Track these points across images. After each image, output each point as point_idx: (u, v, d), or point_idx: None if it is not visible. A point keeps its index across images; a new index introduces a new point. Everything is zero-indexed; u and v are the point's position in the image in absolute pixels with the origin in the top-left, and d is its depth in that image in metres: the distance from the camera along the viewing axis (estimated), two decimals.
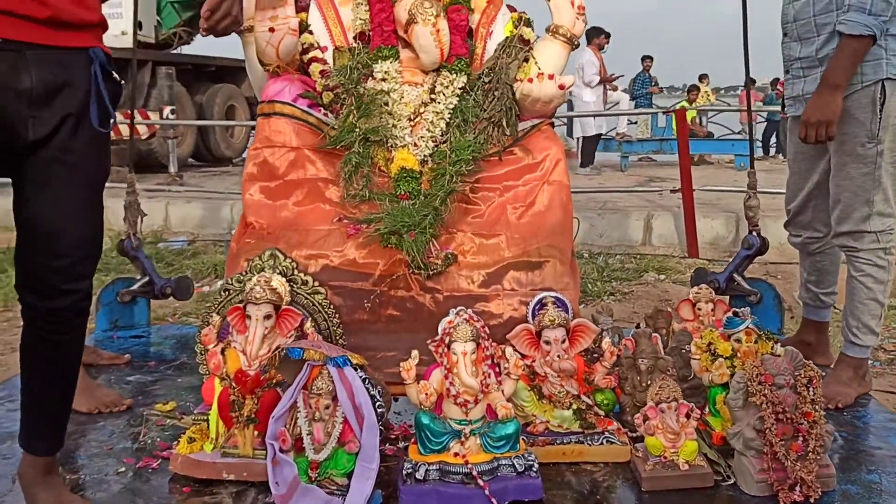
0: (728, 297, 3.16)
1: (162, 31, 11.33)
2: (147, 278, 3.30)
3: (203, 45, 12.44)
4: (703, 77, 14.29)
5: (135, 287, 3.30)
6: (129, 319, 3.33)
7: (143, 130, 9.24)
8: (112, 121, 1.76)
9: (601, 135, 10.96)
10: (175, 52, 11.79)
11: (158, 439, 2.24)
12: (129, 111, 4.07)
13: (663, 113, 11.27)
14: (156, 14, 11.13)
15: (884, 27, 2.35)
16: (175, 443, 2.11)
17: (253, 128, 8.44)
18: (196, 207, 7.31)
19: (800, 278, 2.92)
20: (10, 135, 1.63)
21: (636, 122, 13.60)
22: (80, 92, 1.70)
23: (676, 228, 6.35)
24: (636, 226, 6.51)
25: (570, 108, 11.09)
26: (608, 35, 10.99)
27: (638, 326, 2.70)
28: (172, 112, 9.33)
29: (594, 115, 10.41)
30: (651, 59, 13.49)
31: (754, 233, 3.22)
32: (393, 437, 2.24)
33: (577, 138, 11.29)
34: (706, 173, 9.90)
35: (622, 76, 12.22)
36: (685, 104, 12.11)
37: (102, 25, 1.78)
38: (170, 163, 9.07)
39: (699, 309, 2.62)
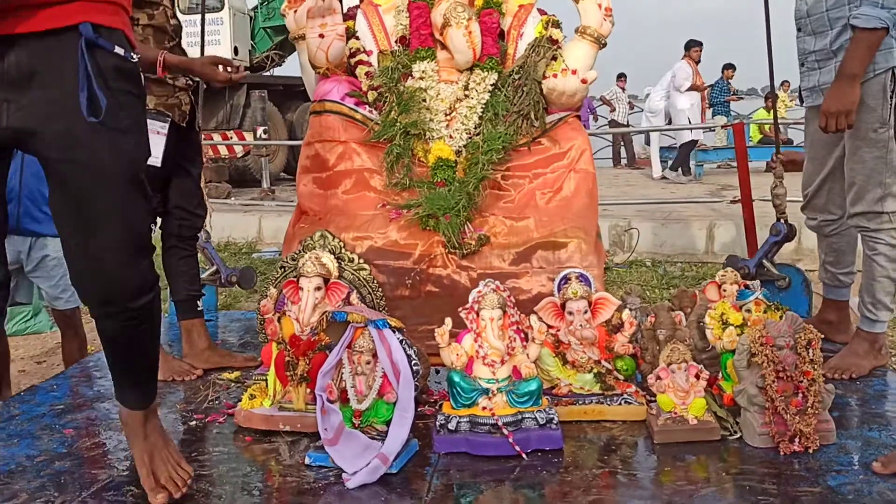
0: (759, 283, 3.30)
1: (256, 54, 12.12)
2: (215, 268, 3.61)
3: (293, 67, 13.14)
4: (783, 83, 14.02)
5: (204, 276, 3.61)
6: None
7: (238, 149, 9.87)
8: (102, 107, 1.53)
9: (696, 141, 10.98)
10: (268, 73, 12.53)
11: (225, 401, 2.52)
12: (224, 131, 4.50)
13: (721, 127, 11.20)
14: (250, 39, 11.91)
15: (895, 18, 2.49)
16: (238, 402, 2.40)
17: None
18: (286, 220, 7.68)
19: (819, 260, 3.05)
20: None
21: (714, 130, 13.54)
22: (67, 77, 1.52)
23: (738, 238, 6.45)
24: (699, 235, 6.63)
25: (667, 117, 11.30)
26: (701, 45, 11.10)
27: None
28: (265, 132, 9.90)
29: (644, 132, 10.66)
30: (733, 68, 13.35)
31: (782, 220, 3.35)
32: (432, 401, 2.48)
33: (662, 146, 11.44)
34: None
35: (710, 86, 12.27)
36: (763, 112, 12.08)
37: None
38: (263, 178, 9.60)
39: (724, 290, 2.78)
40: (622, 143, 14.55)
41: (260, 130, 9.80)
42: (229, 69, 2.55)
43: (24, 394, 2.68)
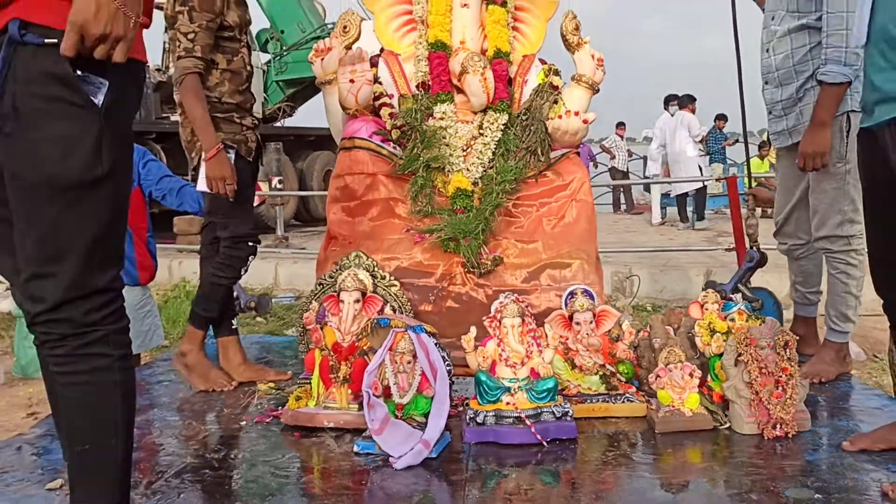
0: (741, 296, 3.65)
1: (268, 106, 12.60)
2: (235, 294, 3.89)
3: (302, 118, 13.64)
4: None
5: (252, 302, 3.90)
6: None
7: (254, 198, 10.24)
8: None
9: (706, 188, 11.39)
10: (279, 124, 13.00)
11: (267, 406, 2.79)
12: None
13: (716, 181, 11.68)
14: (263, 92, 12.40)
15: (857, 73, 2.89)
16: (279, 407, 2.68)
17: None
18: (301, 267, 8.03)
19: (790, 281, 3.43)
20: None
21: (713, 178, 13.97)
22: None
23: None
24: (696, 281, 6.96)
25: (665, 165, 11.79)
26: (695, 100, 11.65)
27: None
28: (280, 182, 10.24)
29: (643, 183, 11.15)
30: (725, 118, 13.96)
31: (754, 248, 3.74)
32: (454, 404, 2.77)
33: (662, 193, 11.86)
34: (769, 226, 10.24)
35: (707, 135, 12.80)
36: (757, 160, 12.57)
37: None
38: (277, 226, 9.90)
39: (706, 309, 3.13)
40: (622, 189, 15.05)
41: (275, 180, 10.17)
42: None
43: None
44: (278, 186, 10.15)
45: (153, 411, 2.75)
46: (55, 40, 1.39)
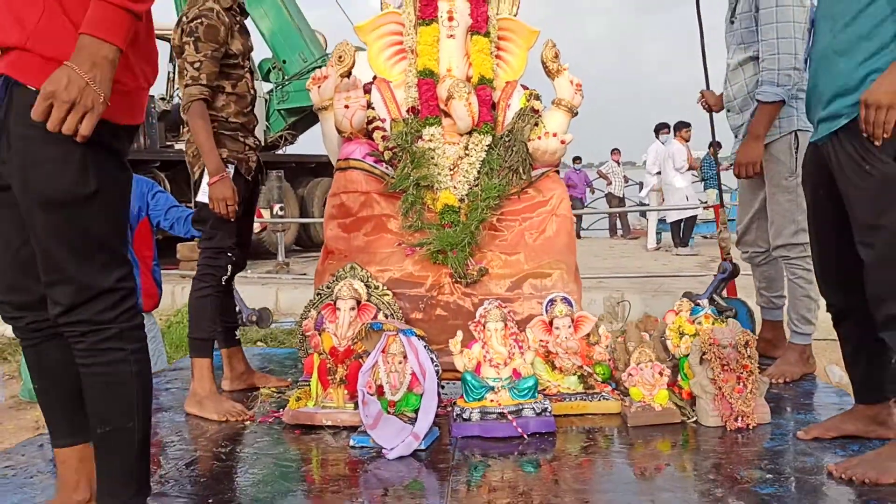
0: (707, 302, 3.87)
1: (270, 134, 12.88)
2: (237, 308, 4.09)
3: (303, 145, 13.97)
4: None
5: (251, 316, 4.10)
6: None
7: (255, 226, 10.46)
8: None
9: (695, 217, 11.55)
10: (280, 151, 13.29)
11: (269, 409, 2.99)
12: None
13: (703, 208, 11.78)
14: (265, 120, 12.70)
15: (791, 93, 3.14)
16: (281, 408, 2.88)
17: None
18: (302, 292, 8.21)
19: (755, 287, 3.65)
20: None
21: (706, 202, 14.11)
22: None
23: None
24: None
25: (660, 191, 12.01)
26: (689, 126, 11.89)
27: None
28: (281, 209, 10.47)
29: (639, 210, 11.32)
30: (720, 145, 14.16)
31: (727, 260, 3.96)
32: (442, 405, 2.97)
33: (661, 220, 12.07)
34: None
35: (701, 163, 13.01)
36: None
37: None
38: (278, 252, 10.10)
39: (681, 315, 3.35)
40: (618, 214, 15.26)
41: (276, 207, 10.39)
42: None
43: None
44: (279, 213, 10.37)
45: (161, 414, 2.95)
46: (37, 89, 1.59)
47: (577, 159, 16.17)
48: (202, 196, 2.97)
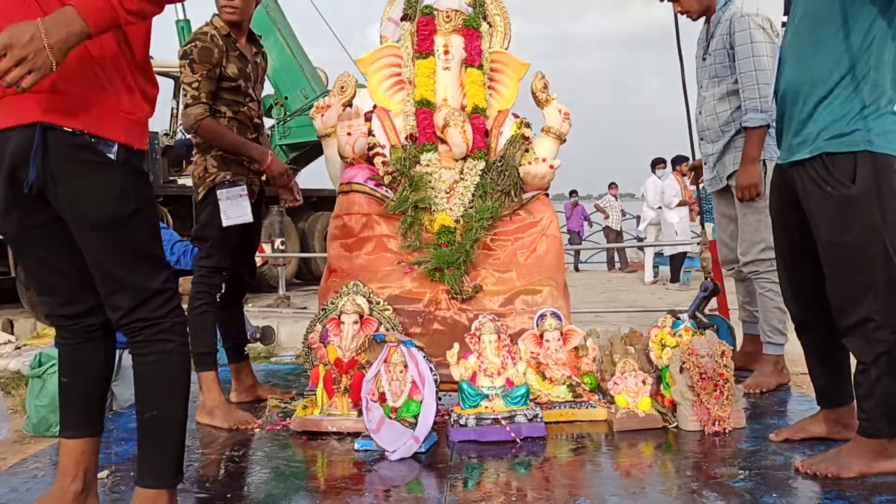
0: (687, 316, 4.07)
1: None
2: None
3: (304, 180, 14.15)
4: None
5: (256, 333, 4.28)
6: None
7: (257, 259, 10.60)
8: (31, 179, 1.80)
9: (685, 253, 11.52)
10: None
11: (277, 418, 3.17)
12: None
13: (697, 244, 11.88)
14: None
15: (772, 118, 3.37)
16: (287, 418, 3.06)
17: None
18: (303, 326, 8.18)
19: (738, 302, 3.86)
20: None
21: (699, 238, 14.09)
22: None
23: None
24: None
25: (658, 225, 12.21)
26: (687, 160, 12.02)
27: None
28: (282, 243, 10.63)
29: (637, 246, 11.47)
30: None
31: (708, 279, 4.18)
32: (441, 414, 3.16)
33: (655, 253, 12.23)
34: None
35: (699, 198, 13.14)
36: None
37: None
38: (279, 286, 10.26)
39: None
40: (615, 248, 15.30)
41: (278, 242, 10.54)
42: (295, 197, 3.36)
43: (112, 416, 3.30)
44: (280, 248, 10.52)
45: None
46: (69, 129, 1.82)
47: (573, 192, 16.27)
48: (224, 217, 3.09)
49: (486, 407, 2.85)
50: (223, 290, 3.23)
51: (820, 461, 2.31)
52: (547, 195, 3.66)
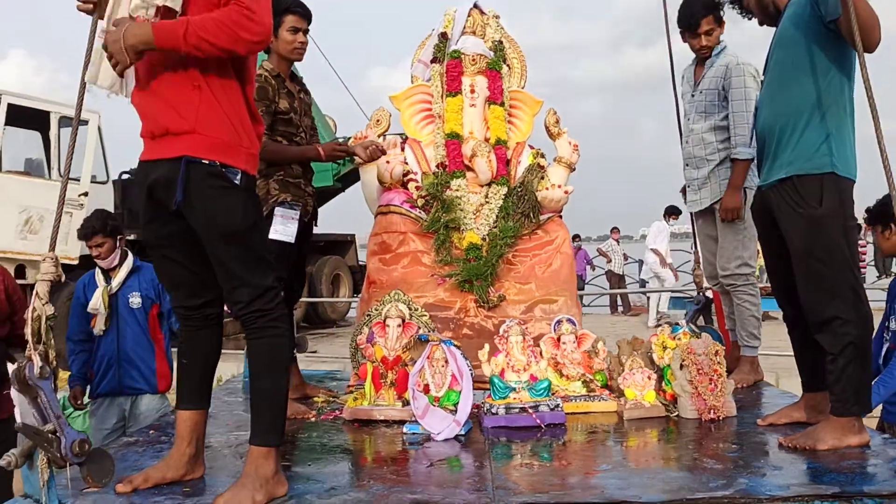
0: (685, 321, 4.55)
1: None
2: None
3: None
4: None
5: None
6: None
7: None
8: (177, 199, 2.25)
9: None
10: None
11: (326, 410, 3.61)
12: None
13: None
14: None
15: (754, 153, 3.88)
16: (335, 411, 3.51)
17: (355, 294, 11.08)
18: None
19: (724, 313, 4.35)
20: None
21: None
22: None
23: None
24: None
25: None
26: (679, 213, 12.46)
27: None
28: None
29: (638, 292, 12.00)
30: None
31: (700, 293, 4.67)
32: (474, 407, 3.60)
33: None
34: (766, 331, 10.31)
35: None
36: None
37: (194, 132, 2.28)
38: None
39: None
40: (619, 293, 15.54)
41: None
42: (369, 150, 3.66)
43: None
44: None
45: (240, 413, 3.56)
46: (206, 161, 2.29)
47: (576, 237, 16.33)
48: (273, 231, 3.53)
49: (514, 398, 3.30)
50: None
51: (799, 437, 2.78)
52: (560, 217, 4.15)
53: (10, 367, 2.26)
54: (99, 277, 4.46)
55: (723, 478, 2.43)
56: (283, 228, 3.53)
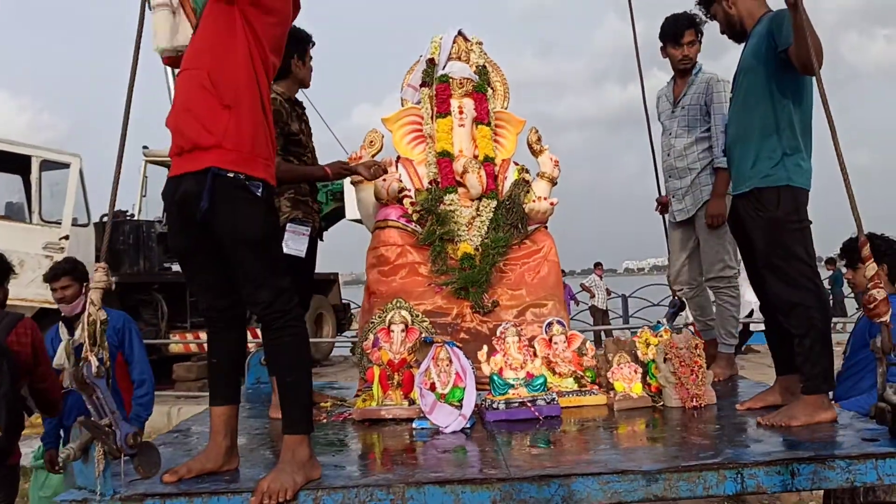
0: (666, 320, 4.85)
1: None
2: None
3: None
4: None
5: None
6: (267, 376, 4.92)
7: (250, 346, 11.11)
8: (202, 207, 2.47)
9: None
10: None
11: (335, 413, 3.83)
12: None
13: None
14: None
15: None
16: (345, 412, 3.73)
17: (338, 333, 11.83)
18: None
19: (692, 315, 4.67)
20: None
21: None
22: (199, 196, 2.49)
23: None
24: None
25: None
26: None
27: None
28: None
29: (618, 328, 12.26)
30: None
31: (676, 297, 4.99)
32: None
33: None
34: (748, 363, 10.52)
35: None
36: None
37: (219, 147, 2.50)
38: None
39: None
40: (602, 326, 15.60)
41: None
42: (372, 169, 3.94)
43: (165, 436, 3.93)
44: None
45: (252, 420, 3.77)
46: (232, 173, 2.52)
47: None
48: (285, 246, 3.76)
49: (513, 394, 3.56)
50: None
51: (775, 415, 3.09)
52: (546, 228, 4.44)
53: (26, 417, 2.38)
54: (62, 331, 4.41)
55: (711, 450, 2.71)
56: (295, 243, 3.76)
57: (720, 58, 4.47)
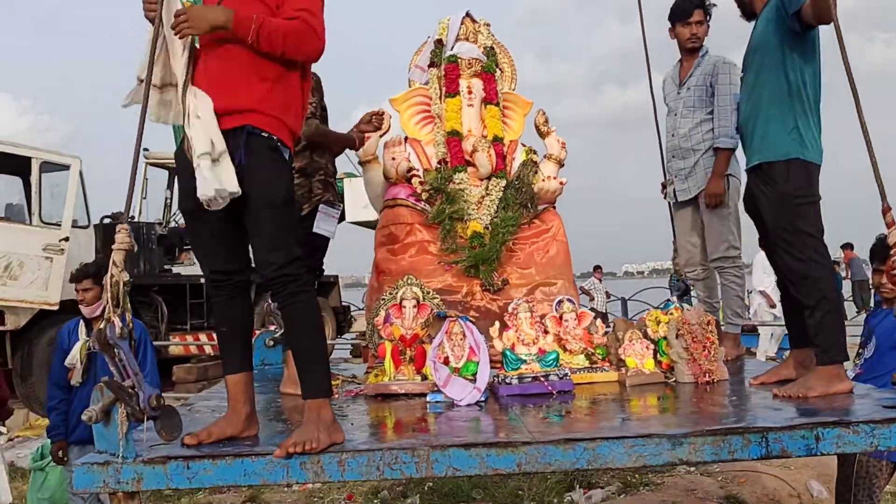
0: (676, 297, 4.86)
1: None
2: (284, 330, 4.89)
3: None
4: None
5: (277, 336, 4.90)
6: (273, 358, 4.90)
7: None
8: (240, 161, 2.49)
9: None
10: None
11: (345, 389, 3.81)
12: None
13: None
14: None
15: (736, 143, 4.24)
16: (356, 388, 3.72)
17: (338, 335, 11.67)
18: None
19: (699, 297, 4.68)
20: None
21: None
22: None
23: None
24: None
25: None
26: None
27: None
28: (275, 330, 11.13)
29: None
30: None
31: (680, 280, 5.00)
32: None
33: None
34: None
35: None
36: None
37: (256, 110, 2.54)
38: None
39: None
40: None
41: (272, 328, 11.07)
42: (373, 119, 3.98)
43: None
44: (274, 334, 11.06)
45: (266, 395, 3.74)
46: (266, 133, 2.55)
47: None
48: (316, 227, 3.74)
49: (526, 369, 3.56)
50: None
51: (790, 387, 3.10)
52: (554, 208, 4.45)
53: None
54: (82, 331, 4.47)
55: (733, 416, 2.72)
56: (325, 224, 3.76)
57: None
